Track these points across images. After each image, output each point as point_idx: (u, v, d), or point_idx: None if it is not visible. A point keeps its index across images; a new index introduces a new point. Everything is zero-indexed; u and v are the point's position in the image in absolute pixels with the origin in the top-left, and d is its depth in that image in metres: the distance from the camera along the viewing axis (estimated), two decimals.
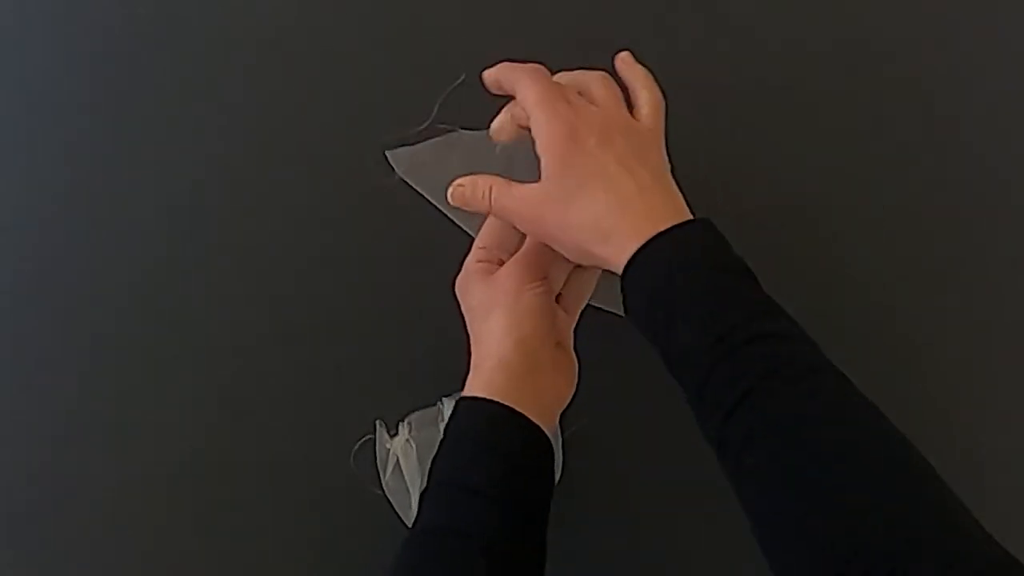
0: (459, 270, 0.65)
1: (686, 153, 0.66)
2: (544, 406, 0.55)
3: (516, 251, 0.59)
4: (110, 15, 0.68)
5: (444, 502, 0.50)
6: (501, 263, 0.59)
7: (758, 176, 0.67)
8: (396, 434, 0.65)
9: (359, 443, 0.65)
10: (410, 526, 0.65)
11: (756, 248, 0.51)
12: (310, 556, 0.63)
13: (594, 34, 0.68)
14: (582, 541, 0.66)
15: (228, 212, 0.65)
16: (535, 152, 0.54)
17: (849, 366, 0.46)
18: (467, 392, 0.54)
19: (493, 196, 0.55)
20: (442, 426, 0.65)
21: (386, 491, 0.65)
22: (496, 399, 0.52)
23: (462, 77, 0.62)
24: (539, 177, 0.53)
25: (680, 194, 0.53)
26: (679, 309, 0.48)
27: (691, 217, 0.52)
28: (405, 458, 0.64)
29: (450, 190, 0.58)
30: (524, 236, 0.59)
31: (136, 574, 0.65)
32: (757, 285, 0.49)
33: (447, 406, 0.65)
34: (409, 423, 0.65)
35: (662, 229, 0.49)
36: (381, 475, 0.65)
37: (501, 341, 0.55)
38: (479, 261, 0.59)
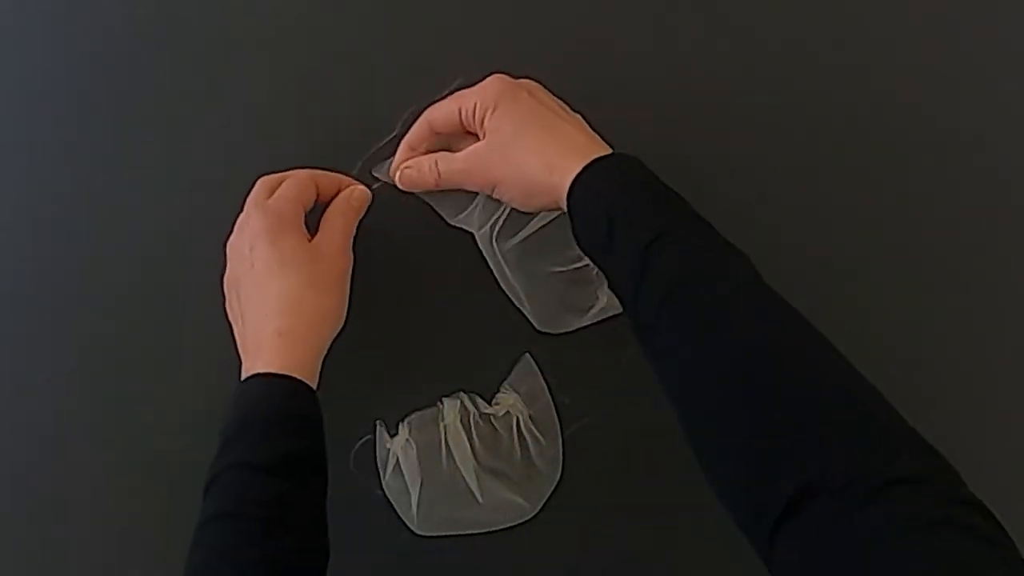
0: (460, 272, 0.65)
1: (686, 153, 0.66)
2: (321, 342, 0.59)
3: (308, 207, 0.60)
4: (110, 15, 0.68)
5: (233, 485, 0.52)
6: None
7: (758, 176, 0.67)
8: (396, 434, 0.65)
9: (359, 443, 0.65)
10: (410, 526, 0.65)
11: (755, 247, 0.51)
12: None
13: (594, 34, 0.68)
14: (582, 540, 0.66)
15: (228, 212, 0.64)
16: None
17: None
18: (256, 369, 0.55)
19: (440, 168, 0.58)
20: (442, 426, 0.65)
21: (386, 491, 0.65)
22: (286, 372, 0.55)
23: (458, 80, 0.62)
24: None
25: None
26: (619, 215, 0.50)
27: None
28: (405, 458, 0.64)
29: (397, 175, 0.61)
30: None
31: (136, 574, 0.65)
32: (689, 205, 0.52)
33: (447, 406, 0.65)
34: (409, 423, 0.65)
35: (604, 154, 0.53)
36: (381, 475, 0.65)
37: (308, 317, 0.57)
38: (290, 201, 0.59)
